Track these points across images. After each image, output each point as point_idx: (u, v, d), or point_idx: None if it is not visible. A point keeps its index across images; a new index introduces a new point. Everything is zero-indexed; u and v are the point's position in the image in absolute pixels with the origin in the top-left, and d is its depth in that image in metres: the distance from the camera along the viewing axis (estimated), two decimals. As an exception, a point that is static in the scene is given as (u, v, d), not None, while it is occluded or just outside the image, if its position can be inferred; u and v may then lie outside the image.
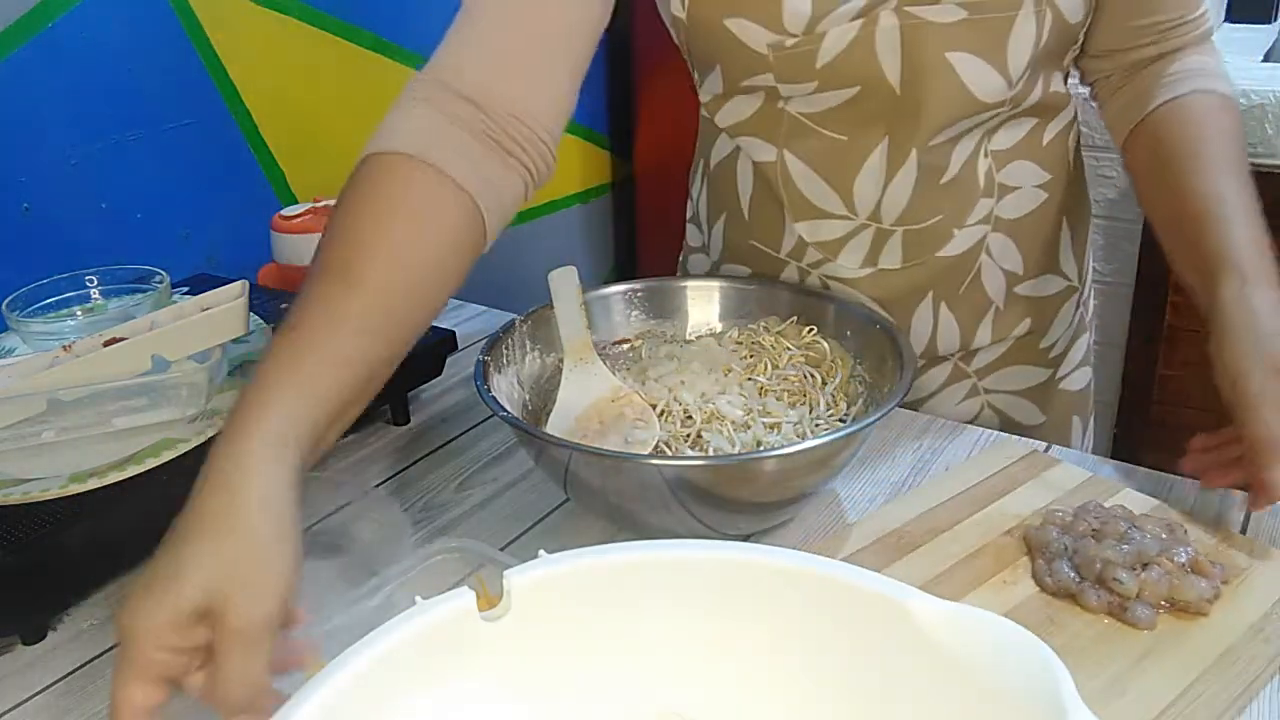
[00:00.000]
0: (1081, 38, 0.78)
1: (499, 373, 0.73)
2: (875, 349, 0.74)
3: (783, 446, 0.66)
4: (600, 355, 0.77)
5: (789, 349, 0.77)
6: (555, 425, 0.71)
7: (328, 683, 0.38)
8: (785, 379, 0.75)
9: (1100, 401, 1.06)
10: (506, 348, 0.75)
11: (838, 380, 0.75)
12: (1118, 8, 0.77)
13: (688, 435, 0.70)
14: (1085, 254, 0.91)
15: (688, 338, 0.82)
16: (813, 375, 0.75)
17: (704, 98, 0.85)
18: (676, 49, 1.00)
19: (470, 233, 0.63)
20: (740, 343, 0.80)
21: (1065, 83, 0.82)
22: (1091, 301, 0.96)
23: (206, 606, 0.46)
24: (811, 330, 0.79)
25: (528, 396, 0.76)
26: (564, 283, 0.78)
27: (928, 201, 0.79)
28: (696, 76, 0.85)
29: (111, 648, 0.63)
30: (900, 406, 0.70)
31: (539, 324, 0.78)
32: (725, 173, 0.87)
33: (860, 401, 0.74)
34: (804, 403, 0.73)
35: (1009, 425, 0.90)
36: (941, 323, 0.85)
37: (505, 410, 0.66)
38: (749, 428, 0.70)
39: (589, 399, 0.73)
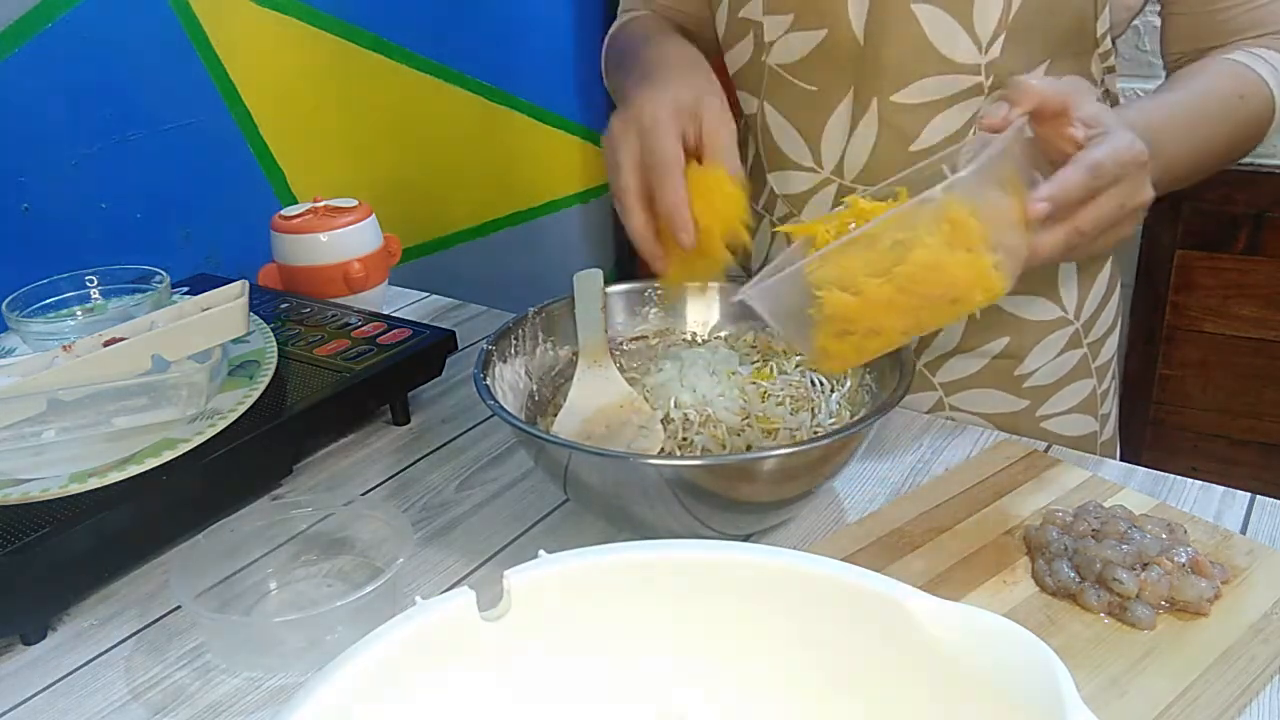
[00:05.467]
0: (1102, 37, 0.77)
1: (504, 362, 0.73)
2: (883, 358, 0.74)
3: (781, 447, 0.66)
4: (615, 350, 0.77)
5: (799, 354, 0.77)
6: (562, 424, 0.71)
7: (328, 682, 0.38)
8: (791, 384, 0.75)
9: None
10: (516, 338, 0.76)
11: (846, 389, 0.75)
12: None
13: (683, 437, 0.70)
14: (1093, 292, 0.89)
15: (703, 338, 0.82)
16: (821, 382, 0.75)
17: (724, 50, 0.88)
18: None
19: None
20: (755, 346, 0.80)
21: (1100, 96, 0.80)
22: (1107, 350, 0.93)
23: (693, 105, 0.68)
24: None
25: (535, 387, 0.76)
26: (588, 285, 0.78)
27: (894, 164, 0.77)
28: (714, 21, 0.87)
29: (111, 648, 0.63)
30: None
31: (553, 317, 0.78)
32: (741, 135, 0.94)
33: (864, 411, 0.73)
34: (806, 409, 0.73)
35: None
36: None
37: (494, 401, 0.66)
38: (742, 433, 0.70)
39: (598, 403, 0.73)
